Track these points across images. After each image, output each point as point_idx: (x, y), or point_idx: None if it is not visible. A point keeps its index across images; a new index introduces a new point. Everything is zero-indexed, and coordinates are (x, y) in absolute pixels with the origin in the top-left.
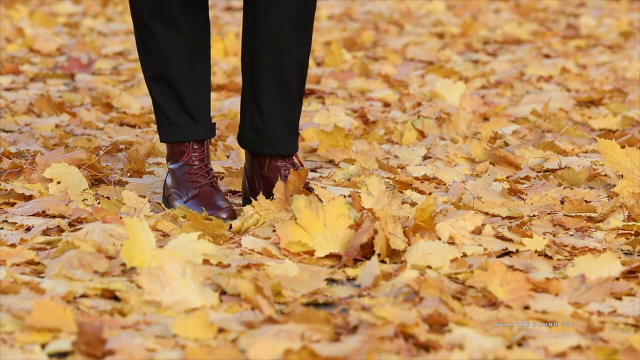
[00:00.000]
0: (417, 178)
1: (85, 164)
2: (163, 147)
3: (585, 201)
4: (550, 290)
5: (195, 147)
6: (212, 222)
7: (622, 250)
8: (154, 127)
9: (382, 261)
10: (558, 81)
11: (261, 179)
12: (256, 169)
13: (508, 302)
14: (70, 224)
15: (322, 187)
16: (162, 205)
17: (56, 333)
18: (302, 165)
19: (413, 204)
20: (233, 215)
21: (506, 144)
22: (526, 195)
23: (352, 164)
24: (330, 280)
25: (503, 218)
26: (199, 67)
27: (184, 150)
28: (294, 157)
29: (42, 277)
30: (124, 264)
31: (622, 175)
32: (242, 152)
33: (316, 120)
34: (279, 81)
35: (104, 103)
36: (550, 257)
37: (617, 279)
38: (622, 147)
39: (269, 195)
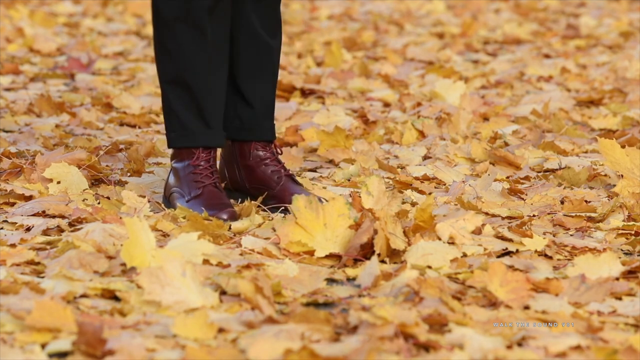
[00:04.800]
0: (417, 178)
1: (85, 164)
2: (163, 147)
3: (585, 201)
4: (550, 290)
5: (205, 151)
6: (212, 222)
7: (622, 250)
8: (154, 127)
9: (382, 261)
10: (558, 81)
11: (244, 169)
12: (237, 158)
13: (508, 302)
14: (70, 224)
15: (322, 187)
16: (162, 205)
17: (56, 333)
18: (281, 153)
19: (413, 204)
20: (234, 216)
21: (506, 144)
22: (526, 195)
23: (352, 164)
24: (330, 280)
25: (503, 218)
26: (219, 72)
27: (193, 153)
28: (273, 146)
29: (42, 277)
30: (124, 264)
31: (622, 175)
32: None
33: (316, 120)
34: (257, 67)
35: (104, 103)
36: (550, 257)
37: (617, 279)
38: (622, 147)
39: (251, 183)
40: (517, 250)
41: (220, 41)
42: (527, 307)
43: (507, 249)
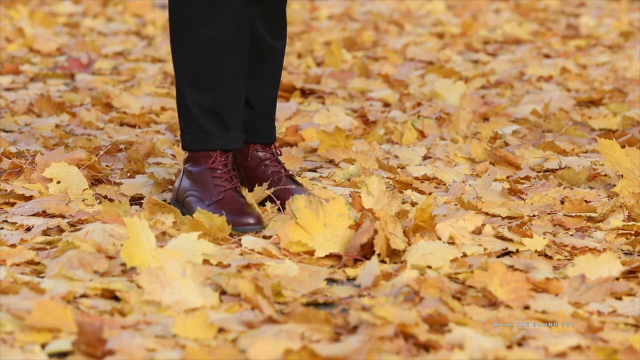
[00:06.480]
0: (417, 178)
1: (85, 164)
2: (163, 148)
3: (585, 201)
4: (550, 290)
5: (223, 154)
6: (214, 225)
7: (622, 250)
8: (154, 127)
9: (382, 261)
10: (558, 81)
11: (243, 170)
12: (237, 159)
13: (508, 302)
14: (71, 224)
15: (322, 187)
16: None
17: (56, 333)
18: (280, 154)
19: (413, 204)
20: (260, 221)
21: (506, 144)
22: (526, 195)
23: (352, 164)
24: (330, 280)
25: (503, 218)
26: (241, 74)
27: (210, 156)
28: (272, 147)
29: (42, 277)
30: (124, 264)
31: (622, 175)
32: None
33: (316, 120)
34: (258, 69)
35: (104, 103)
36: (550, 257)
37: (617, 279)
38: (622, 147)
39: (251, 184)
40: (517, 250)
41: (243, 44)
42: (527, 307)
43: (507, 249)
